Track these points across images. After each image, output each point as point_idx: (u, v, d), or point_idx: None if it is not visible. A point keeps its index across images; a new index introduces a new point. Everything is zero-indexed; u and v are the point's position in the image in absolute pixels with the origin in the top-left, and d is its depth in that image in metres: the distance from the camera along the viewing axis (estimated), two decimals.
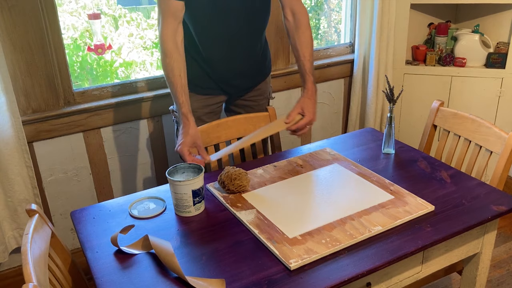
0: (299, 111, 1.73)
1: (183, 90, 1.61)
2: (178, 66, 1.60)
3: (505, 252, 2.33)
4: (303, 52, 1.75)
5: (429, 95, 2.66)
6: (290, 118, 1.72)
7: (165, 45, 1.59)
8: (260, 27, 1.80)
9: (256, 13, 1.74)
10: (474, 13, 2.69)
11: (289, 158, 1.72)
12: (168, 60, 1.59)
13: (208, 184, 1.56)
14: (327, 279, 1.13)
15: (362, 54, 2.62)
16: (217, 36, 1.72)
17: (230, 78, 1.83)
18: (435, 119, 1.89)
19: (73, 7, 2.60)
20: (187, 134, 1.60)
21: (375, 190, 1.48)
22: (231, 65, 1.80)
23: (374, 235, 1.28)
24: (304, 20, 1.75)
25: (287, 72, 2.50)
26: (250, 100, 1.95)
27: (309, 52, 1.75)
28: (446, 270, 1.65)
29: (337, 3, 2.76)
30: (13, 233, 2.01)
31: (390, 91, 1.70)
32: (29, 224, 1.22)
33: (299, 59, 1.76)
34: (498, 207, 1.39)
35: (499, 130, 1.67)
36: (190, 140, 1.60)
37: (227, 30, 1.70)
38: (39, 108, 2.01)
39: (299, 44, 1.75)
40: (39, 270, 1.10)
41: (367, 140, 1.86)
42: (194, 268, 1.19)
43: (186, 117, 1.62)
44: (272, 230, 1.30)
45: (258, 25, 1.78)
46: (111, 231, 1.35)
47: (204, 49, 1.73)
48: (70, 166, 2.15)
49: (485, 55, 2.58)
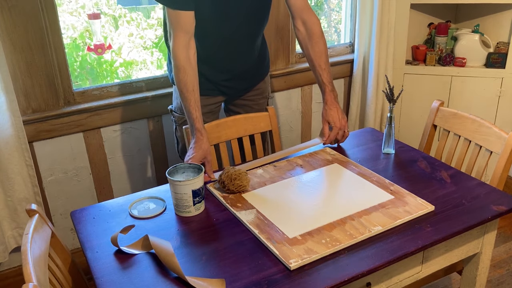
0: (328, 125, 1.77)
1: (197, 105, 1.60)
2: (191, 81, 1.59)
3: (505, 252, 2.33)
4: (318, 62, 1.75)
5: (429, 95, 2.66)
6: (326, 136, 1.77)
7: (178, 60, 1.58)
8: (259, 28, 1.80)
9: (256, 15, 1.74)
10: (474, 13, 2.69)
11: (289, 158, 1.72)
12: (182, 75, 1.59)
13: (208, 184, 1.56)
14: (327, 279, 1.13)
15: (362, 54, 2.62)
16: (217, 38, 1.71)
17: (228, 79, 1.83)
18: (435, 119, 1.89)
19: (73, 7, 2.60)
20: (200, 149, 1.58)
21: (375, 190, 1.48)
22: (230, 66, 1.80)
23: (374, 235, 1.28)
24: (316, 30, 1.75)
25: (287, 72, 2.50)
26: (249, 100, 1.95)
27: (324, 60, 1.76)
28: (446, 270, 1.65)
29: (337, 3, 2.76)
30: (13, 233, 2.01)
31: (390, 91, 1.70)
32: (29, 224, 1.22)
33: (315, 69, 1.77)
34: (498, 207, 1.39)
35: (499, 130, 1.67)
36: (201, 155, 1.58)
37: (227, 32, 1.70)
38: (39, 108, 2.01)
39: (313, 55, 1.75)
40: (39, 270, 1.10)
41: (367, 140, 1.86)
42: (194, 268, 1.19)
43: (200, 132, 1.61)
44: (272, 230, 1.30)
45: (258, 26, 1.78)
46: (111, 231, 1.35)
47: (203, 50, 1.72)
48: (70, 166, 2.15)
49: (485, 55, 2.58)
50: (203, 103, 1.83)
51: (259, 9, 1.73)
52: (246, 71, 1.85)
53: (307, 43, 1.76)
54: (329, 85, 1.76)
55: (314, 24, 1.75)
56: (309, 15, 1.74)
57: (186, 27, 1.57)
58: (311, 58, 1.77)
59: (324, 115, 1.77)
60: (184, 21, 1.56)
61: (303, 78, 2.56)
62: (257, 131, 1.92)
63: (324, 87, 1.77)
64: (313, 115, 2.70)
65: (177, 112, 1.89)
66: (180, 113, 1.87)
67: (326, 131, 1.77)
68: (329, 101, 1.76)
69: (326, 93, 1.77)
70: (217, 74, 1.80)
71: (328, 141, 1.77)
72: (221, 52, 1.75)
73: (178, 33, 1.57)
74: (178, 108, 1.87)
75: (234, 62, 1.80)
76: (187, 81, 1.59)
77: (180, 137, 1.93)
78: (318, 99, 2.68)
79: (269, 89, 2.03)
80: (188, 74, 1.59)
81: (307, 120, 2.70)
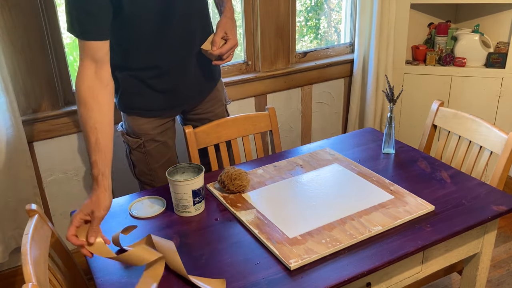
0: (223, 35, 1.56)
1: (98, 147, 1.30)
2: (93, 116, 1.31)
3: (505, 252, 2.33)
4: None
5: (429, 95, 2.66)
6: (217, 45, 1.54)
7: (79, 91, 1.32)
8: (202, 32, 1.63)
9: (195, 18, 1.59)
10: (474, 13, 2.69)
11: (289, 158, 1.72)
12: (82, 109, 1.31)
13: (208, 184, 1.56)
14: (327, 279, 1.13)
15: (362, 54, 2.62)
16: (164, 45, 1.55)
17: (178, 88, 1.67)
18: (435, 119, 1.89)
19: None
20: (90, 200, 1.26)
21: (375, 190, 1.48)
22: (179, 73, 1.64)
23: (374, 235, 1.28)
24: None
25: (287, 72, 2.50)
26: (206, 112, 1.84)
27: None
28: (446, 270, 1.65)
29: (337, 3, 2.76)
30: (13, 233, 2.01)
31: (390, 91, 1.70)
32: (29, 224, 1.22)
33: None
34: (498, 207, 1.39)
35: (499, 130, 1.67)
36: (88, 208, 1.25)
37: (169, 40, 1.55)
38: (39, 108, 2.01)
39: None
40: (39, 270, 1.10)
41: (367, 140, 1.86)
42: (194, 268, 1.19)
43: (96, 181, 1.28)
44: (272, 230, 1.30)
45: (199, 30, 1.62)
46: (111, 231, 1.35)
47: (148, 61, 1.57)
48: (70, 166, 2.15)
49: (485, 55, 2.58)
50: (156, 124, 1.71)
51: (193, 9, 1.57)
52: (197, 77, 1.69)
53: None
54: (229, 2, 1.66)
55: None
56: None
57: (95, 55, 1.33)
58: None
59: (223, 23, 1.56)
60: (92, 48, 1.33)
61: (303, 78, 2.56)
62: (257, 131, 1.92)
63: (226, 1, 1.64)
64: (313, 115, 2.71)
65: (131, 136, 1.72)
66: (134, 137, 1.72)
67: (218, 40, 1.54)
68: (230, 12, 1.61)
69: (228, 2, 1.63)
70: (166, 84, 1.64)
71: (218, 52, 1.54)
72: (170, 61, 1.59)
73: (84, 60, 1.33)
74: (131, 131, 1.72)
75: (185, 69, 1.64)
76: (88, 117, 1.31)
77: (136, 161, 1.76)
78: (318, 99, 2.68)
79: (226, 95, 1.91)
80: (90, 108, 1.31)
81: (307, 120, 2.70)
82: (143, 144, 1.72)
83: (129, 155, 1.78)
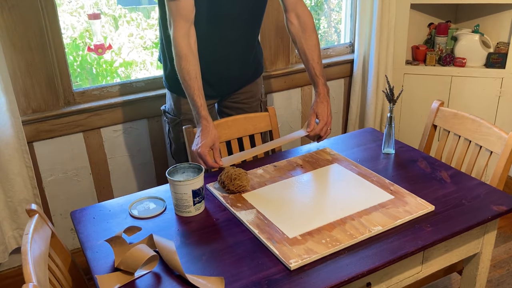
0: (315, 117, 1.75)
1: (200, 93, 1.58)
2: (194, 69, 1.57)
3: (505, 252, 2.33)
4: (311, 55, 1.74)
5: (429, 95, 2.66)
6: (311, 127, 1.75)
7: (179, 48, 1.56)
8: (255, 32, 1.79)
9: (254, 18, 1.73)
10: (474, 13, 2.69)
11: (289, 158, 1.72)
12: (184, 63, 1.56)
13: (208, 184, 1.56)
14: (327, 279, 1.13)
15: (362, 54, 2.62)
16: (212, 40, 1.70)
17: (220, 79, 1.81)
18: (435, 119, 1.89)
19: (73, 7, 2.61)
20: (208, 135, 1.58)
21: (375, 190, 1.48)
22: (224, 66, 1.78)
23: (374, 235, 1.28)
24: (309, 23, 1.74)
25: (287, 72, 2.50)
26: (242, 103, 1.94)
27: (317, 54, 1.75)
28: (446, 270, 1.65)
29: (337, 3, 2.76)
30: (13, 233, 2.01)
31: (390, 91, 1.70)
32: (29, 224, 1.22)
33: (308, 63, 1.76)
34: (498, 207, 1.39)
35: (499, 130, 1.67)
36: (210, 141, 1.58)
37: (223, 35, 1.69)
38: (39, 108, 2.01)
39: (307, 48, 1.75)
40: (39, 270, 1.10)
41: (367, 140, 1.86)
42: (194, 268, 1.19)
43: (206, 119, 1.59)
44: (272, 230, 1.30)
45: (254, 30, 1.78)
46: (111, 231, 1.35)
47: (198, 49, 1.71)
48: (70, 166, 2.15)
49: (485, 55, 2.58)
50: None
51: (255, 14, 1.73)
52: (240, 71, 1.83)
53: (301, 37, 1.75)
54: (322, 78, 1.76)
55: (308, 17, 1.74)
56: (302, 9, 1.74)
57: (186, 15, 1.55)
58: (304, 51, 1.76)
59: (314, 107, 1.75)
60: (183, 9, 1.53)
61: (303, 78, 2.56)
62: (257, 131, 1.92)
63: (317, 80, 1.76)
64: None
65: (171, 114, 1.88)
66: (173, 115, 1.87)
67: (312, 122, 1.75)
68: (321, 95, 1.75)
69: (319, 86, 1.76)
70: (210, 74, 1.77)
71: (313, 133, 1.75)
72: (217, 54, 1.74)
73: (178, 21, 1.55)
74: (172, 109, 1.87)
75: (229, 64, 1.79)
76: (190, 69, 1.56)
77: (173, 139, 1.92)
78: None
79: (263, 91, 2.01)
80: (190, 62, 1.56)
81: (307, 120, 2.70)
82: (181, 123, 1.83)
83: (168, 133, 1.94)
